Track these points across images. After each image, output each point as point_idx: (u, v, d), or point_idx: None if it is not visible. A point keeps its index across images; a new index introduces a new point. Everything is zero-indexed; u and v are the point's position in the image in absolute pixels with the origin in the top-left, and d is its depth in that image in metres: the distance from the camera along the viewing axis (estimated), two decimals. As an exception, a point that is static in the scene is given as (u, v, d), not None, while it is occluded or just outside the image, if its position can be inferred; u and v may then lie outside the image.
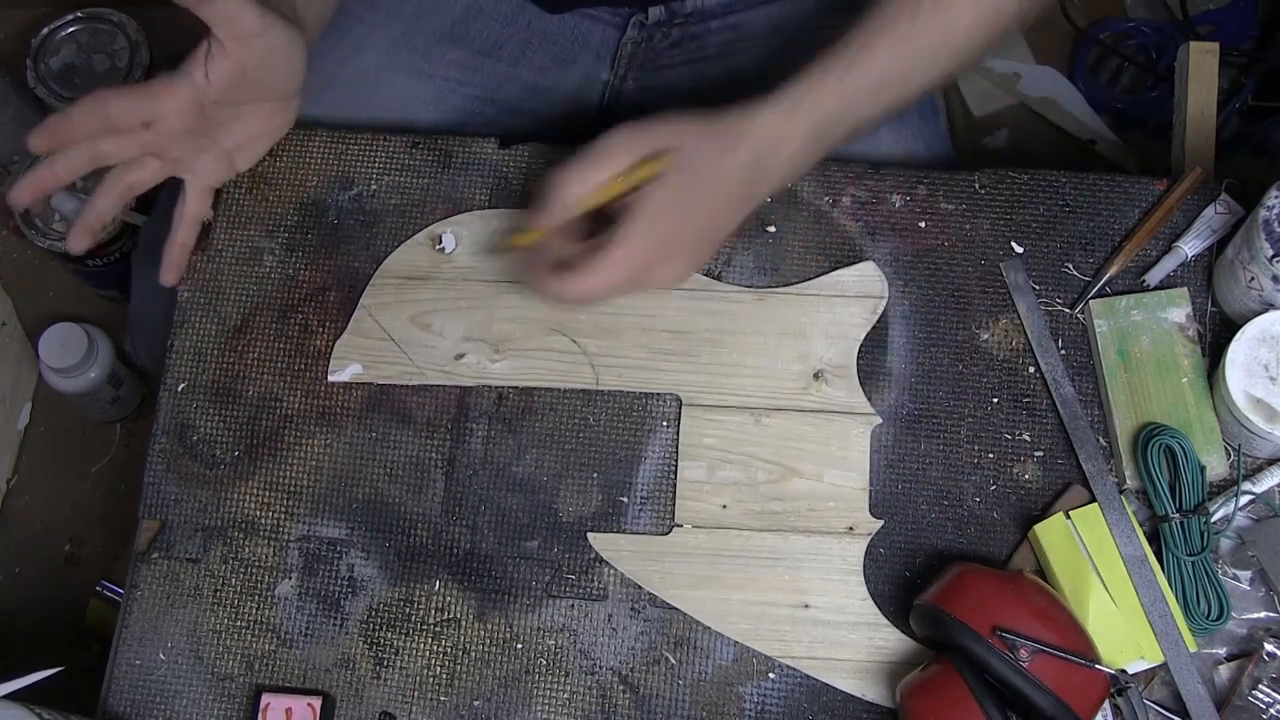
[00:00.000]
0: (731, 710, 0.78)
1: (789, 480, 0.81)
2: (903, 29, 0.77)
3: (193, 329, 0.87)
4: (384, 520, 0.83)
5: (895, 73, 0.77)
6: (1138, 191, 0.86)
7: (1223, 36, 1.47)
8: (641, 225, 0.75)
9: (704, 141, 0.76)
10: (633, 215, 0.75)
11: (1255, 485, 0.78)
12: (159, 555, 0.83)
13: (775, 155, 0.77)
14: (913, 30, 0.77)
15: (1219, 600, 0.76)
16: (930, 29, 0.77)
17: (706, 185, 0.76)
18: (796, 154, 0.78)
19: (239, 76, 0.80)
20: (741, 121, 0.77)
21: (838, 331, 0.84)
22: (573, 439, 0.83)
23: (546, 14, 1.01)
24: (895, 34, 0.77)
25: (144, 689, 0.81)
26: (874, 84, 0.77)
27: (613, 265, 0.75)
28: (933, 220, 0.86)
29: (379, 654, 0.80)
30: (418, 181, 0.89)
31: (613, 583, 0.81)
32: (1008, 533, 0.80)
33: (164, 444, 0.85)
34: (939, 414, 0.82)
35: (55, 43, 1.53)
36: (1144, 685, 0.76)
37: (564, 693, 0.79)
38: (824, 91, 0.77)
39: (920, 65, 0.78)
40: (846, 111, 0.78)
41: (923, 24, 0.77)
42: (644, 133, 0.76)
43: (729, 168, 0.76)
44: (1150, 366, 0.80)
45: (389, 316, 0.86)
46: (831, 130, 0.78)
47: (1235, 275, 0.79)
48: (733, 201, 0.78)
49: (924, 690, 0.72)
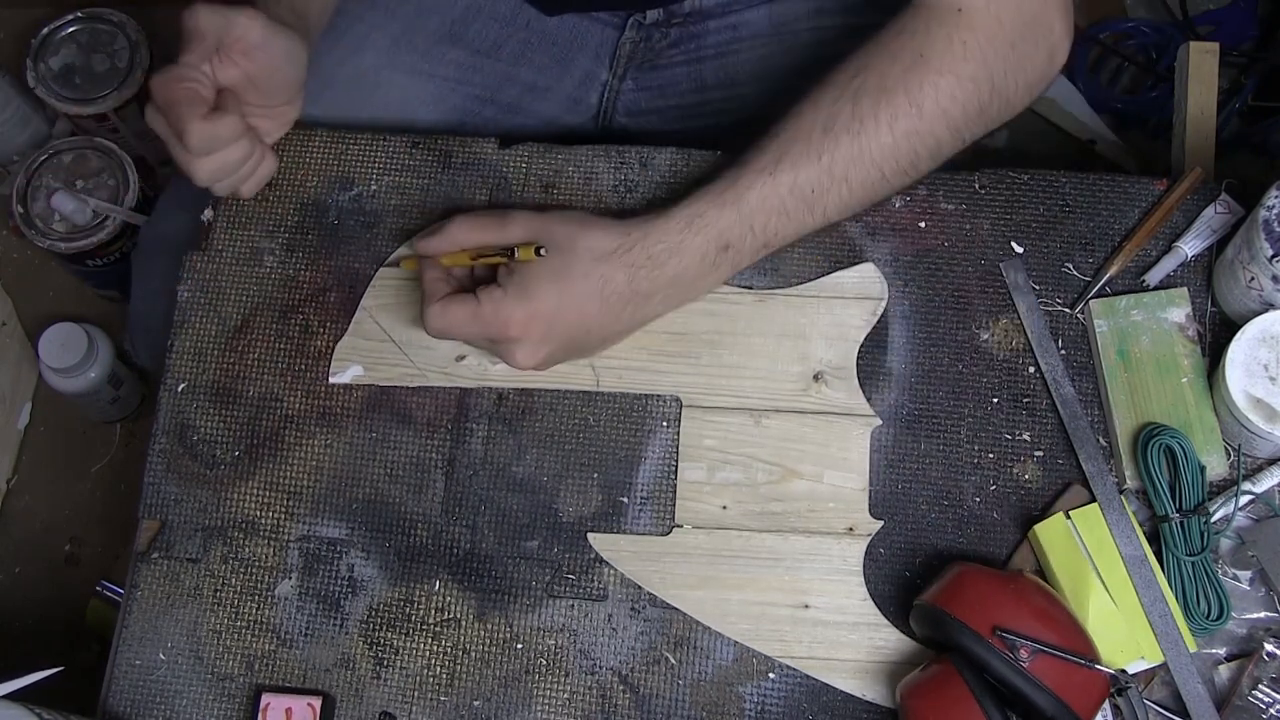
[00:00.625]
0: (731, 710, 0.78)
1: (789, 481, 0.82)
2: (813, 148, 0.77)
3: (193, 329, 0.87)
4: (384, 520, 0.83)
5: (803, 191, 0.77)
6: (1138, 191, 0.86)
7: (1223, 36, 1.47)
8: (510, 293, 0.76)
9: (596, 241, 0.77)
10: (504, 281, 0.77)
11: (1255, 485, 0.78)
12: (159, 555, 0.83)
13: (666, 267, 0.78)
14: (822, 148, 0.77)
15: (1219, 600, 0.76)
16: (842, 149, 0.77)
17: (589, 283, 0.77)
18: (693, 269, 0.78)
19: (245, 84, 0.81)
20: (636, 229, 0.78)
21: (837, 333, 0.84)
22: (573, 439, 0.83)
23: (544, 14, 1.01)
24: (804, 152, 0.77)
25: (144, 689, 0.81)
26: (779, 204, 0.77)
27: (464, 314, 0.77)
28: (933, 220, 0.86)
29: (379, 654, 0.80)
30: (418, 181, 0.89)
31: (613, 583, 0.81)
32: (1008, 533, 0.80)
33: (164, 444, 0.85)
34: (939, 414, 0.82)
35: (55, 43, 1.53)
36: (1144, 685, 0.76)
37: (564, 693, 0.79)
38: (723, 209, 0.77)
39: (833, 185, 0.78)
40: (752, 229, 0.78)
41: (832, 142, 0.77)
42: (543, 221, 0.79)
43: (614, 270, 0.77)
44: (1150, 366, 0.80)
45: (390, 318, 0.86)
46: (738, 246, 0.78)
47: (1235, 275, 0.79)
48: (614, 305, 0.78)
49: (924, 690, 0.72)
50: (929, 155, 0.79)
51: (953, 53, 0.77)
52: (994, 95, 0.79)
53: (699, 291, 0.82)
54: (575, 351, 0.81)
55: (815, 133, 0.77)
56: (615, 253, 0.77)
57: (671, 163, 0.88)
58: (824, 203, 0.78)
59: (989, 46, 0.77)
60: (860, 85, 0.77)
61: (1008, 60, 0.78)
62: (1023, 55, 0.79)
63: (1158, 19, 1.55)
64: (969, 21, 0.77)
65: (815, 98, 0.78)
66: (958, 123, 0.78)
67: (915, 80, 0.77)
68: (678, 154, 0.88)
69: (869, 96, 0.77)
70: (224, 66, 0.80)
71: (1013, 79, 0.79)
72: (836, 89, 0.77)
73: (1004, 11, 0.77)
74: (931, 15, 0.78)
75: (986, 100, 0.78)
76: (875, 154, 0.77)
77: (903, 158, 0.78)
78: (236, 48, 0.80)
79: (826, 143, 0.77)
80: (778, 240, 0.79)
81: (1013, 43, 0.78)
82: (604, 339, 0.81)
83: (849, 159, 0.77)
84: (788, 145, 0.77)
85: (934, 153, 0.79)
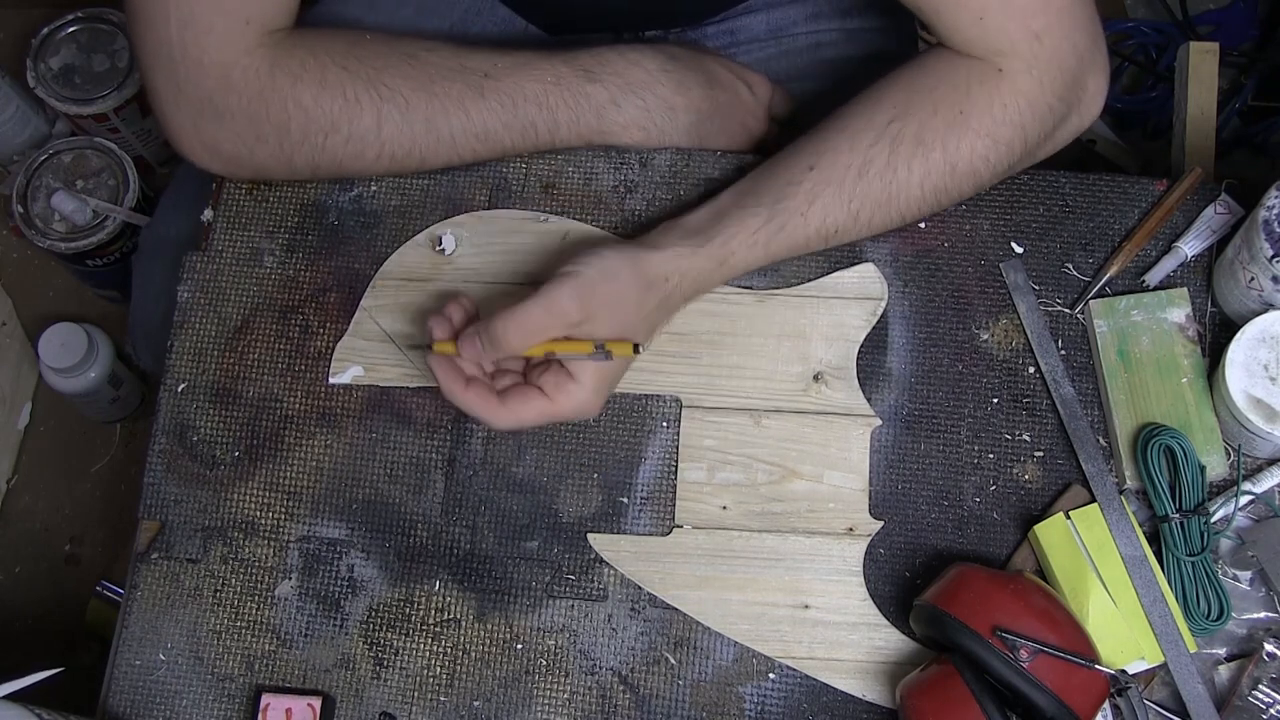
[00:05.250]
0: (731, 710, 0.78)
1: (789, 481, 0.82)
2: (845, 192, 0.77)
3: (193, 330, 0.87)
4: (384, 521, 0.83)
5: (827, 231, 0.79)
6: (1138, 191, 0.86)
7: (1223, 36, 1.47)
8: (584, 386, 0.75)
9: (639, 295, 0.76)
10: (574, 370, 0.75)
11: (1255, 485, 0.78)
12: (159, 555, 0.83)
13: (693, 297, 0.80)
14: (853, 194, 0.77)
15: (1219, 600, 0.76)
16: (871, 196, 0.78)
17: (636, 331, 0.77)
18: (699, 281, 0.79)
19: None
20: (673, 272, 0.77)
21: (837, 333, 0.84)
22: (573, 440, 0.83)
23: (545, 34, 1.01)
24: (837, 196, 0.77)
25: (144, 689, 0.81)
26: (803, 241, 0.79)
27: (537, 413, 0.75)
28: (932, 220, 0.86)
29: (379, 654, 0.80)
30: (418, 182, 0.89)
31: (613, 583, 0.81)
32: (1008, 533, 0.80)
33: (164, 444, 0.85)
34: (939, 414, 0.82)
35: (55, 43, 1.53)
36: (1144, 685, 0.76)
37: (564, 693, 0.79)
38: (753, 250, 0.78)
39: (855, 228, 0.79)
40: (773, 259, 0.80)
41: (864, 189, 0.77)
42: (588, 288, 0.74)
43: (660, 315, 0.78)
44: (1150, 367, 0.80)
45: (390, 318, 0.86)
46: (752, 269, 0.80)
47: (1235, 275, 0.79)
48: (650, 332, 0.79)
49: (924, 690, 0.72)
50: (950, 203, 0.81)
51: (993, 116, 0.77)
52: (1025, 155, 0.80)
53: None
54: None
55: (850, 177, 0.77)
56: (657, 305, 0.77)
57: (671, 163, 0.88)
58: (840, 239, 0.80)
59: (1029, 111, 0.78)
60: (899, 133, 0.77)
61: (1044, 122, 0.79)
62: (1059, 116, 0.79)
63: (1158, 19, 1.55)
64: (1012, 85, 0.77)
65: (853, 135, 0.78)
66: (984, 181, 0.80)
67: (954, 139, 0.77)
68: (678, 154, 0.88)
69: (906, 146, 0.77)
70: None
71: (1046, 138, 0.80)
72: (874, 131, 0.78)
73: (1046, 75, 0.77)
74: (973, 73, 0.78)
75: (1016, 160, 0.80)
76: (901, 204, 0.79)
77: (925, 208, 0.80)
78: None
79: (859, 189, 0.77)
80: (783, 259, 0.81)
81: (1050, 105, 0.78)
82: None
83: (875, 205, 0.78)
84: (821, 186, 0.78)
85: (954, 202, 0.81)
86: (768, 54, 1.00)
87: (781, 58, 0.99)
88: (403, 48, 0.83)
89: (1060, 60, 0.77)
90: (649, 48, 0.87)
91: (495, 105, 0.82)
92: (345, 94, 0.81)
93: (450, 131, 0.82)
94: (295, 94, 0.80)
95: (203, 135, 0.83)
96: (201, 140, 0.83)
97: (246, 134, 0.82)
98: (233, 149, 0.83)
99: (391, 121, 0.81)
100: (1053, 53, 0.77)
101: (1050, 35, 0.76)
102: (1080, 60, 0.78)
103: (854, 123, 0.79)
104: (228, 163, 0.85)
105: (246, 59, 0.80)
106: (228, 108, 0.81)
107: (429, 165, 0.85)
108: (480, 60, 0.83)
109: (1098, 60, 0.80)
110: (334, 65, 0.81)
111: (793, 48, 0.99)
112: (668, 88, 0.86)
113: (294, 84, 0.80)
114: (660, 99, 0.86)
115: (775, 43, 1.00)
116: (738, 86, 0.90)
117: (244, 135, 0.82)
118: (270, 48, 0.81)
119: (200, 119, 0.82)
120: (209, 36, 0.79)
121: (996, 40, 0.77)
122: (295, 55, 0.81)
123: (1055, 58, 0.77)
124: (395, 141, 0.82)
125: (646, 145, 0.87)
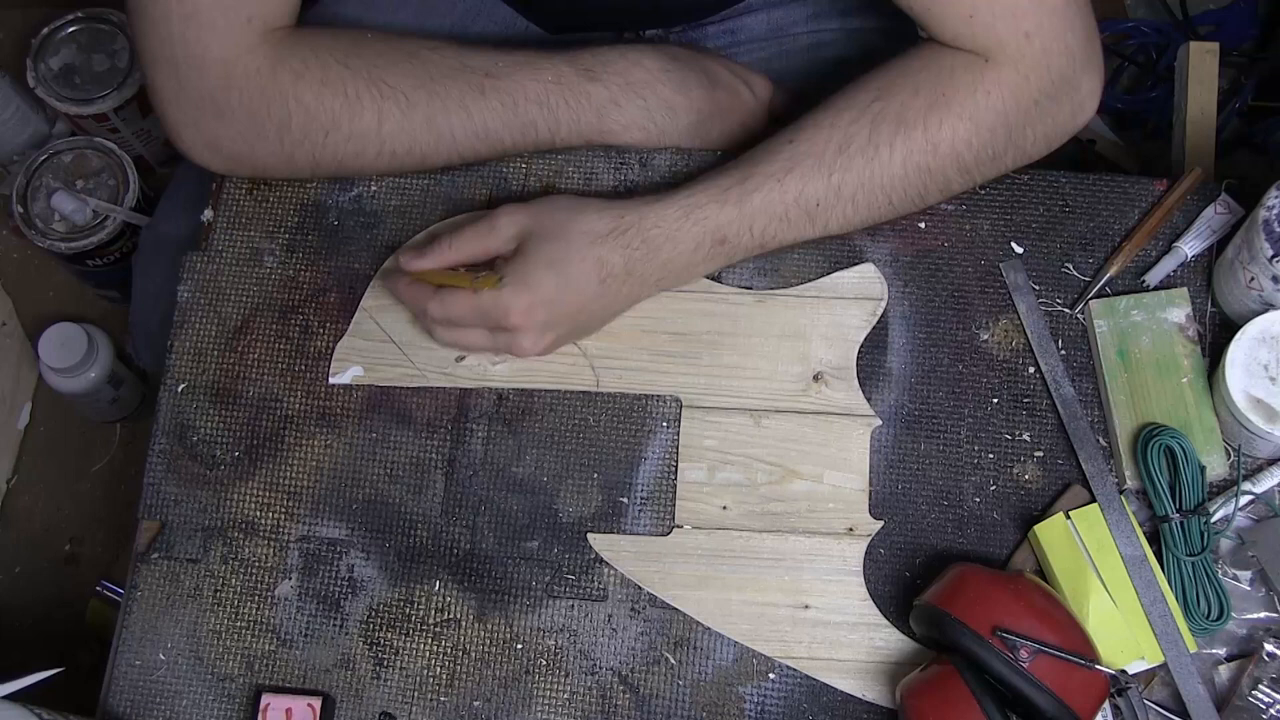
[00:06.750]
0: (731, 710, 0.78)
1: (789, 482, 0.82)
2: (825, 164, 0.77)
3: (193, 329, 0.87)
4: (384, 521, 0.83)
5: (808, 203, 0.78)
6: (1138, 191, 0.86)
7: (1223, 36, 1.47)
8: (509, 283, 0.77)
9: (590, 224, 0.78)
10: (502, 271, 0.78)
11: (1255, 485, 0.78)
12: (159, 555, 0.83)
13: (660, 251, 0.79)
14: (834, 166, 0.77)
15: (1219, 600, 0.76)
16: (853, 171, 0.77)
17: (586, 266, 0.78)
18: (685, 256, 0.79)
19: None
20: (631, 212, 0.78)
21: (837, 333, 0.84)
22: (573, 440, 0.83)
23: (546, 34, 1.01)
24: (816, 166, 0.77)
25: (144, 689, 0.81)
26: (782, 211, 0.78)
27: (464, 305, 0.78)
28: (932, 221, 0.86)
29: (379, 654, 0.80)
30: (418, 182, 0.89)
31: (613, 583, 0.81)
32: (1008, 533, 0.80)
33: (164, 444, 0.85)
34: (939, 414, 0.82)
35: (55, 43, 1.53)
36: (1144, 685, 0.76)
37: (564, 693, 0.79)
38: (725, 206, 0.78)
39: (838, 203, 0.79)
40: (750, 229, 0.79)
41: (845, 163, 0.77)
42: (531, 213, 0.79)
43: (610, 252, 0.78)
44: (1150, 367, 0.80)
45: (390, 318, 0.86)
46: (734, 242, 0.79)
47: (1235, 275, 0.79)
48: (611, 286, 0.79)
49: (924, 690, 0.72)
50: (938, 190, 0.81)
51: (976, 101, 0.77)
52: (1010, 145, 0.80)
53: (691, 277, 0.83)
54: (577, 333, 0.83)
55: (830, 150, 0.78)
56: (610, 235, 0.78)
57: (671, 163, 0.88)
58: (826, 217, 0.79)
59: (1011, 101, 0.78)
60: (880, 111, 0.77)
61: (1029, 115, 0.79)
62: (1045, 111, 0.79)
63: (1158, 19, 1.55)
64: (995, 75, 0.77)
65: (835, 113, 0.78)
66: (969, 166, 0.80)
67: (935, 119, 0.77)
68: (678, 154, 0.88)
69: (887, 124, 0.77)
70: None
71: (1031, 132, 0.80)
72: (856, 109, 0.78)
73: (1033, 72, 0.77)
74: (957, 59, 0.78)
75: (1001, 150, 0.80)
76: (884, 182, 0.78)
77: (911, 190, 0.79)
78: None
79: (839, 162, 0.77)
80: (774, 243, 0.80)
81: (1036, 100, 0.78)
82: (604, 318, 0.83)
83: (858, 182, 0.78)
84: (800, 157, 0.78)
85: (943, 189, 0.81)
86: (768, 54, 1.00)
87: (781, 58, 0.99)
88: (404, 46, 0.83)
89: (1050, 59, 0.77)
90: (650, 48, 0.87)
91: (496, 104, 0.82)
92: (346, 92, 0.81)
93: (451, 130, 0.82)
94: (296, 92, 0.80)
95: (204, 133, 0.83)
96: (202, 138, 0.83)
97: (247, 131, 0.82)
98: (234, 146, 0.83)
99: (392, 119, 0.81)
100: (1042, 51, 0.77)
101: (1041, 34, 0.76)
102: (1072, 59, 0.78)
103: (837, 102, 0.79)
104: (228, 160, 0.85)
105: (248, 57, 0.80)
106: (229, 105, 0.81)
107: (429, 164, 0.85)
108: (481, 59, 0.83)
109: (1092, 60, 0.80)
110: (335, 63, 0.81)
111: (793, 48, 1.00)
112: (669, 88, 0.86)
113: (295, 82, 0.81)
114: (661, 99, 0.86)
115: (775, 42, 1.00)
116: (738, 87, 0.90)
117: (245, 133, 0.82)
118: (272, 45, 0.81)
119: (201, 116, 0.82)
120: (211, 34, 0.79)
121: (985, 38, 0.77)
122: (297, 53, 0.81)
123: (1045, 57, 0.77)
124: (396, 139, 0.82)
125: (647, 145, 0.87)
